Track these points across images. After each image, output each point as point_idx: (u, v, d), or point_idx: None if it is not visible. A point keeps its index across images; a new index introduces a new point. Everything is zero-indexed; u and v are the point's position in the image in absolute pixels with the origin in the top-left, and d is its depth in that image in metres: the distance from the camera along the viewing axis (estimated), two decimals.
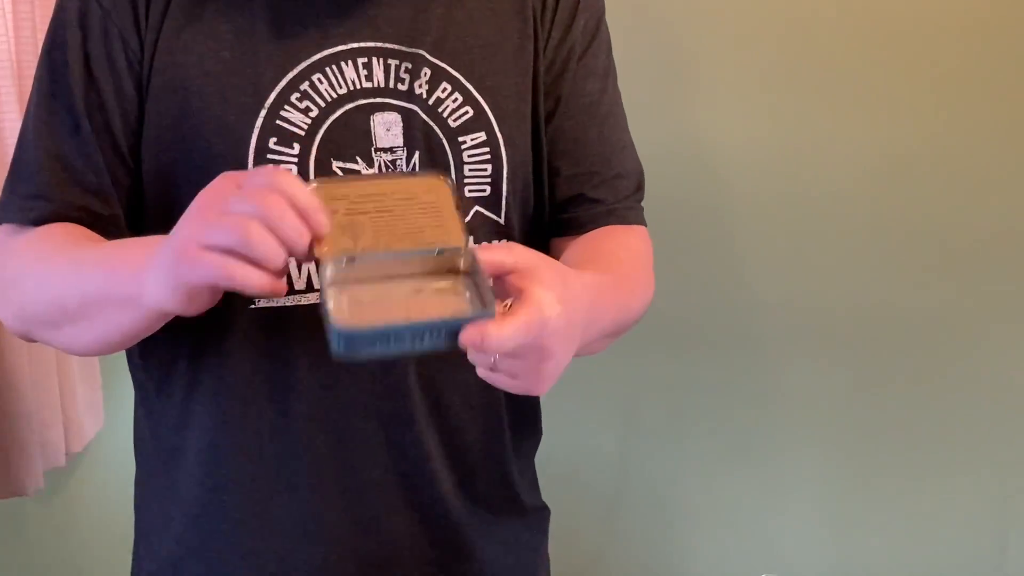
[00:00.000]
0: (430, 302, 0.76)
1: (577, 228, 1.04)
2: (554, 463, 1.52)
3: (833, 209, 1.71)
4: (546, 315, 0.75)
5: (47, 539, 1.84)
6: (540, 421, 1.15)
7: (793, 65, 1.69)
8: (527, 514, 1.11)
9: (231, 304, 0.92)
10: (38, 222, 0.93)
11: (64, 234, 0.94)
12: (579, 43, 1.05)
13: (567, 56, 1.04)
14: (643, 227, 1.09)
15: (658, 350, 1.81)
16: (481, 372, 0.80)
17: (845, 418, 1.74)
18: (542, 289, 0.75)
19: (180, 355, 0.99)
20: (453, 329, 0.72)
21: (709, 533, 1.83)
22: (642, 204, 1.10)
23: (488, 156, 0.98)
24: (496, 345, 0.72)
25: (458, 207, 0.82)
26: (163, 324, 0.90)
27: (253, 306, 0.94)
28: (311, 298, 0.96)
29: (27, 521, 1.77)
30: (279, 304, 0.95)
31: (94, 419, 1.80)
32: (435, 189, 0.82)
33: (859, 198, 1.69)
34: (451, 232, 0.79)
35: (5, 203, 0.96)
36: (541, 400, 1.20)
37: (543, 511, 1.15)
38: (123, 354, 1.06)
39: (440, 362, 0.96)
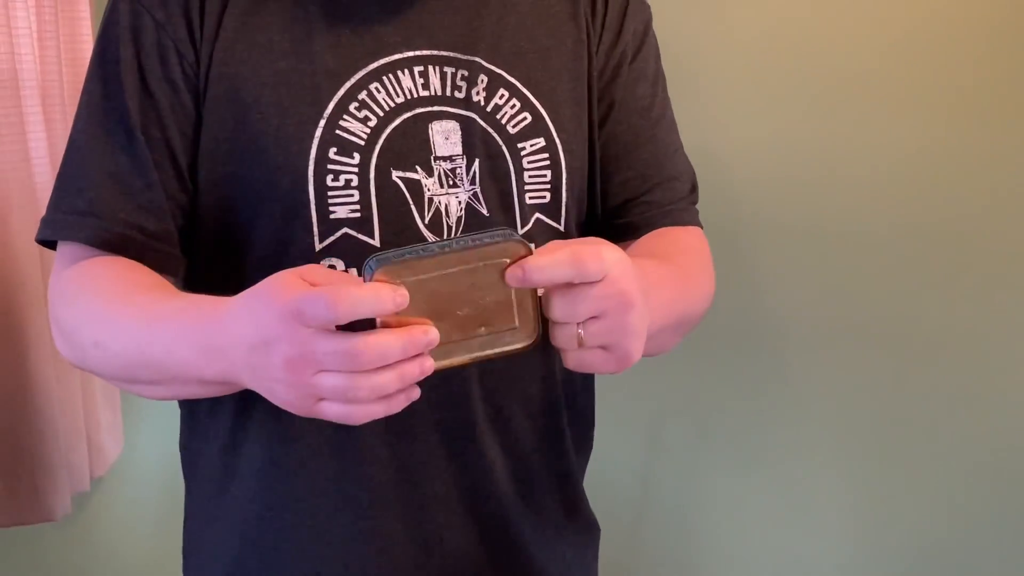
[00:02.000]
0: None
1: (633, 232, 1.03)
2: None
3: (854, 217, 1.70)
4: (602, 248, 0.74)
5: (74, 563, 1.82)
6: (593, 435, 1.14)
7: (806, 72, 1.69)
8: (584, 530, 1.10)
9: None
10: (90, 240, 0.91)
11: (126, 276, 0.92)
12: (630, 47, 1.05)
13: (619, 61, 1.04)
14: (699, 228, 1.08)
15: (681, 367, 1.79)
16: (571, 361, 0.78)
17: (872, 436, 1.73)
18: (600, 242, 0.75)
19: None
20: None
21: (733, 551, 1.82)
22: (697, 206, 1.10)
23: (548, 162, 0.97)
24: (538, 272, 0.72)
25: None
26: None
27: None
28: None
29: (53, 545, 1.76)
30: None
31: (115, 442, 1.78)
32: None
33: (879, 204, 1.68)
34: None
35: (53, 220, 0.94)
36: None
37: (596, 528, 1.13)
38: None
39: (501, 372, 0.97)
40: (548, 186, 0.98)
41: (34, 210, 1.49)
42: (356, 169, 0.92)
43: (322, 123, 0.91)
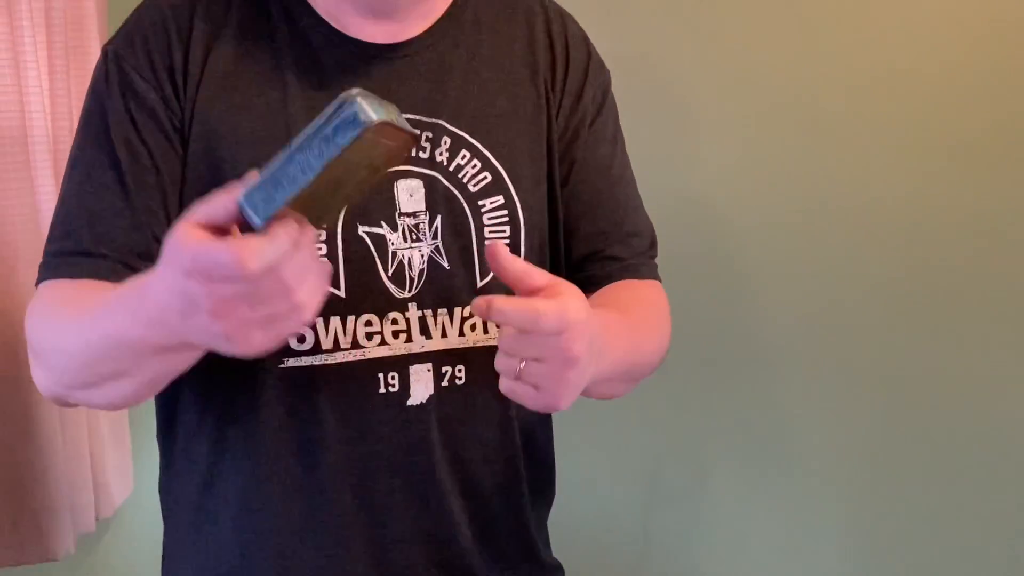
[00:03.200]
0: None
1: (594, 285, 1.06)
2: (578, 526, 1.51)
3: (844, 256, 1.73)
4: (570, 297, 0.78)
5: None
6: (554, 479, 1.17)
7: (795, 117, 1.73)
8: (543, 570, 1.13)
9: (261, 364, 0.96)
10: (78, 277, 0.95)
11: (96, 290, 0.95)
12: (589, 111, 1.09)
13: (579, 123, 1.08)
14: (658, 281, 1.13)
15: (679, 413, 1.84)
16: (505, 386, 0.81)
17: (867, 479, 1.75)
18: (570, 296, 0.78)
19: (208, 416, 1.02)
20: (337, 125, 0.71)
21: None
22: (656, 261, 1.14)
23: (507, 218, 1.02)
24: (501, 314, 0.76)
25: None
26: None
27: (282, 365, 0.97)
28: (338, 357, 0.98)
29: None
30: (307, 364, 0.97)
31: (123, 485, 1.82)
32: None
33: (866, 244, 1.71)
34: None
35: (46, 263, 0.98)
36: (568, 465, 1.25)
37: (558, 569, 1.16)
38: (154, 419, 1.08)
39: (460, 418, 1.02)
40: (507, 241, 1.02)
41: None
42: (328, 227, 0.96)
43: None
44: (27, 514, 1.59)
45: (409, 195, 1.01)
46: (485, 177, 1.03)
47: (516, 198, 1.04)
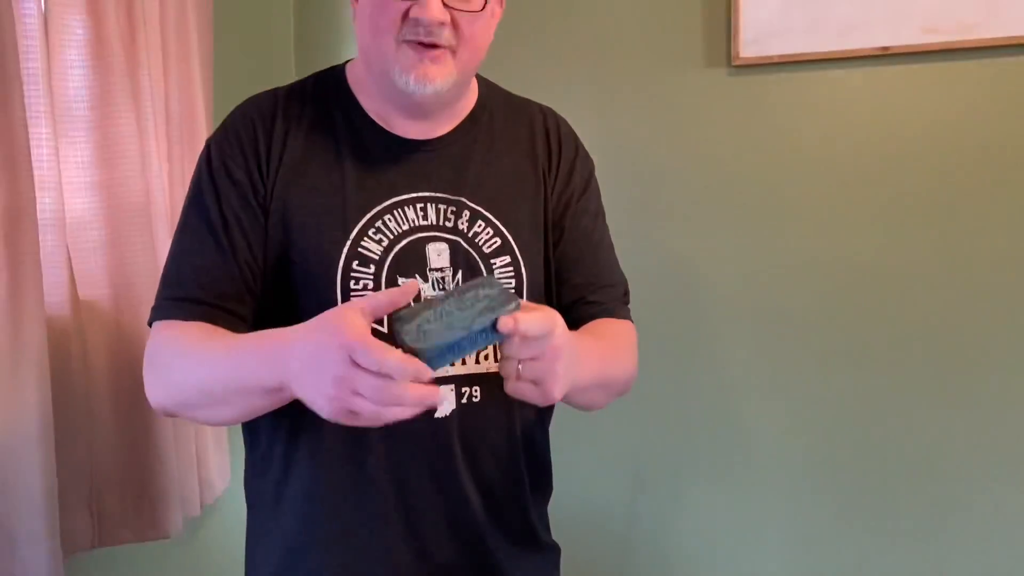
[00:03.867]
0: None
1: (579, 324, 1.22)
2: (574, 514, 1.69)
3: (792, 302, 1.94)
4: (557, 317, 0.95)
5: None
6: (551, 476, 1.32)
7: (760, 198, 1.95)
8: (543, 549, 1.28)
9: None
10: (188, 318, 1.09)
11: (207, 330, 1.08)
12: (576, 191, 1.26)
13: (567, 201, 1.26)
14: (629, 321, 1.28)
15: (660, 425, 2.03)
16: (510, 386, 0.96)
17: (814, 473, 1.93)
18: (554, 313, 0.96)
19: (281, 428, 1.17)
20: (494, 324, 0.90)
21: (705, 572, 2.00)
22: (628, 306, 1.31)
23: (512, 273, 1.17)
24: (524, 326, 0.90)
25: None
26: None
27: None
28: None
29: (168, 561, 1.96)
30: None
31: (222, 479, 2.01)
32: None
33: (823, 307, 1.92)
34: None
35: (160, 306, 1.13)
36: (565, 465, 1.40)
37: (555, 549, 1.31)
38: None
39: (476, 428, 1.17)
40: (513, 290, 1.14)
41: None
42: (371, 277, 1.11)
43: (348, 243, 1.12)
44: (146, 501, 1.76)
45: (437, 254, 1.14)
46: (496, 241, 1.17)
47: (520, 258, 1.18)
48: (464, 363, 1.14)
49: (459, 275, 1.14)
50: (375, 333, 0.93)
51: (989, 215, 1.82)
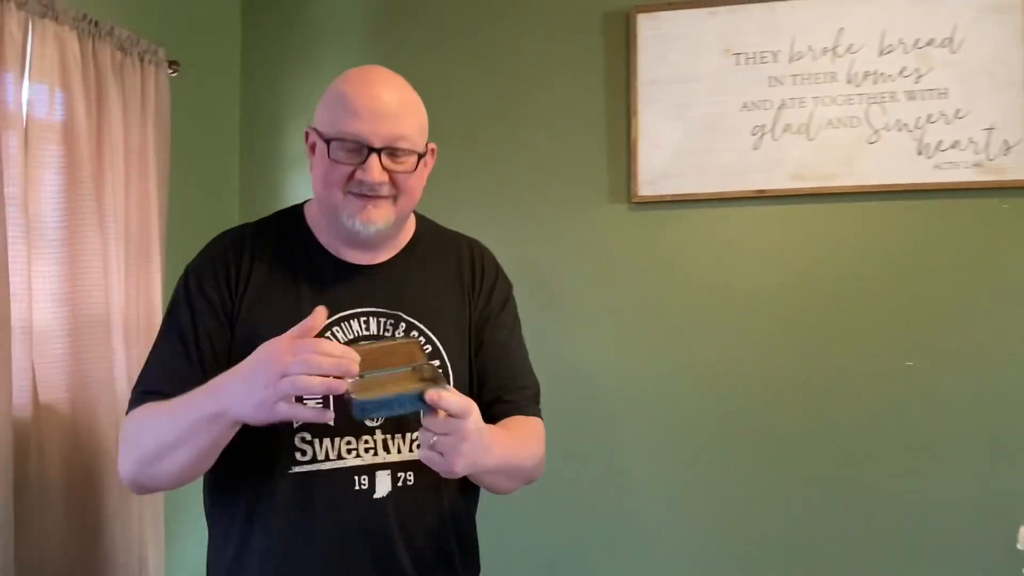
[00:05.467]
0: (410, 386, 1.10)
1: (496, 420, 1.35)
2: None
3: (686, 401, 2.17)
4: (473, 407, 1.11)
5: None
6: (478, 556, 1.44)
7: (653, 314, 2.20)
8: None
9: (278, 470, 1.26)
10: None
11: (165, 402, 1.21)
12: (495, 309, 1.43)
13: (487, 317, 1.42)
14: (539, 418, 1.43)
15: (571, 516, 2.22)
16: (423, 453, 1.12)
17: (707, 556, 2.13)
18: (472, 402, 1.13)
19: (239, 508, 1.29)
20: (422, 394, 1.07)
21: None
22: (539, 406, 1.45)
23: (442, 374, 1.28)
24: (446, 401, 1.08)
25: (421, 349, 1.20)
26: (234, 433, 1.17)
27: (291, 471, 1.26)
28: (327, 465, 1.26)
29: None
30: (308, 470, 1.27)
31: (159, 570, 2.08)
32: (409, 345, 1.21)
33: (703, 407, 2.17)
34: (419, 358, 1.18)
35: (136, 399, 1.27)
36: (492, 548, 1.52)
37: None
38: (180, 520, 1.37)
39: (409, 508, 1.30)
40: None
41: (114, 410, 1.89)
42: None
43: None
44: None
45: None
46: (428, 347, 1.32)
47: (448, 362, 1.33)
48: (399, 452, 1.29)
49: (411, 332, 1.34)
50: None
51: (842, 331, 2.13)
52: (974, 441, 2.06)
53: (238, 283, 1.31)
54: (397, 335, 1.32)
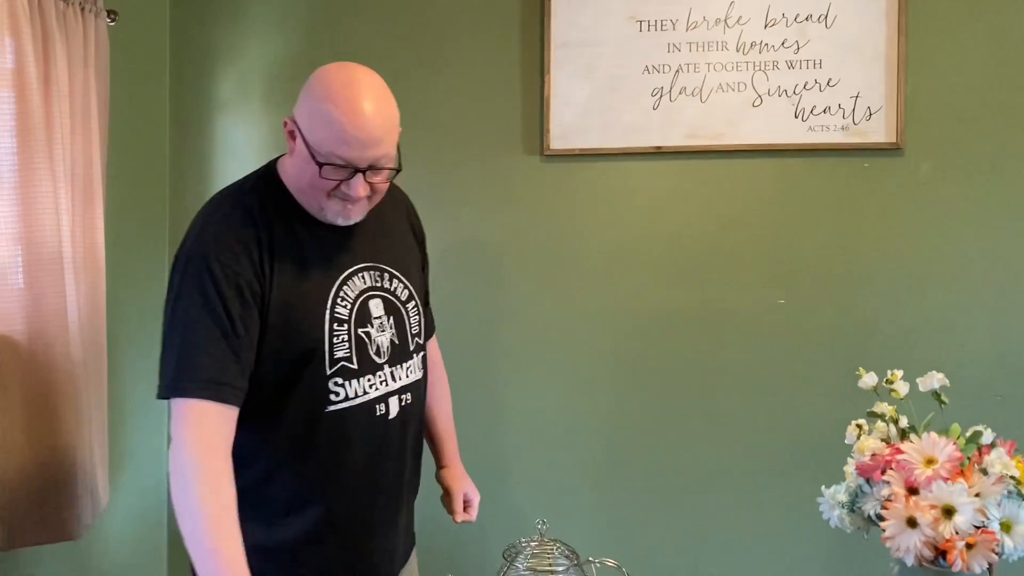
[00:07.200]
0: None
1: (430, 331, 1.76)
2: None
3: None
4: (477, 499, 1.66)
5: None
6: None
7: (562, 260, 2.40)
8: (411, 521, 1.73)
9: (318, 409, 1.44)
10: (215, 399, 1.33)
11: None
12: (427, 255, 1.73)
13: (425, 262, 1.72)
14: (435, 340, 1.82)
15: (489, 432, 2.41)
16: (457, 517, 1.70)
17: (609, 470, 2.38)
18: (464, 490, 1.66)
19: (270, 443, 1.47)
20: None
21: None
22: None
23: (417, 312, 1.61)
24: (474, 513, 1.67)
25: None
26: None
27: (327, 410, 1.45)
28: (356, 401, 1.47)
29: (70, 562, 2.16)
30: (341, 407, 1.46)
31: (106, 494, 2.21)
32: None
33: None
34: None
35: (185, 387, 1.33)
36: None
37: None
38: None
39: (408, 421, 1.57)
40: (418, 324, 1.59)
41: (67, 340, 2.01)
42: (346, 331, 1.45)
43: (327, 312, 1.45)
44: (51, 508, 1.98)
45: (376, 307, 1.51)
46: (406, 292, 1.58)
47: (417, 299, 1.60)
48: (402, 380, 1.55)
49: (391, 319, 1.52)
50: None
51: (726, 274, 2.38)
52: (835, 366, 2.34)
53: (263, 269, 1.40)
54: (384, 283, 1.53)
